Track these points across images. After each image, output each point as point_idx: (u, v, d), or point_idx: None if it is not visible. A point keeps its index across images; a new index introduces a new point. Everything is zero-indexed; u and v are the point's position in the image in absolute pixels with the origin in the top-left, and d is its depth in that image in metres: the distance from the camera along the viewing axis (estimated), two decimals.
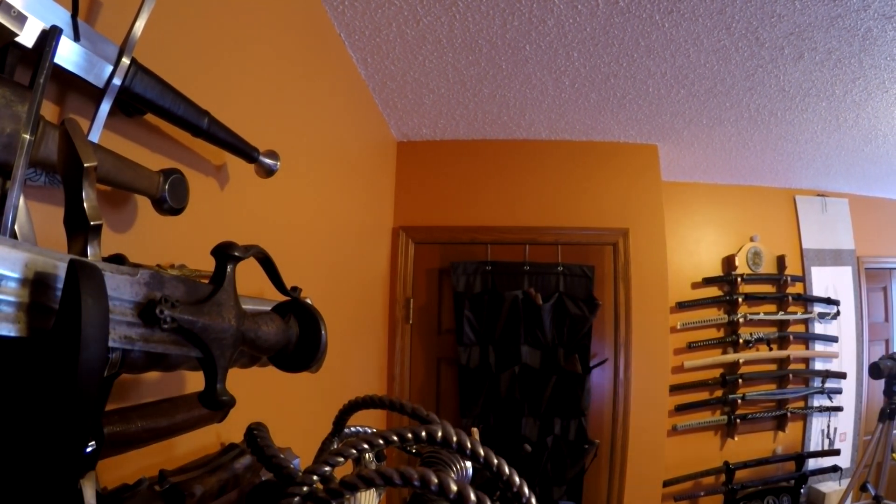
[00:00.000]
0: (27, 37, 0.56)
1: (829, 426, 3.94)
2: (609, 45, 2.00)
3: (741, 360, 3.72)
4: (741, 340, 3.74)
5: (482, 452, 0.44)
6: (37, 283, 0.37)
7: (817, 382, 3.90)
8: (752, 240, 3.90)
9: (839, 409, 3.91)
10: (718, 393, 3.75)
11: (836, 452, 3.82)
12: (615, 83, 2.33)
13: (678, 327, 3.66)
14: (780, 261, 3.92)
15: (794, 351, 3.86)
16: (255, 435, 0.57)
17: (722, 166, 3.54)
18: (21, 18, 0.53)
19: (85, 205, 0.45)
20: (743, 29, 1.88)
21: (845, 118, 2.67)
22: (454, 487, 0.37)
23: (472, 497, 0.37)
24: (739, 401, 3.70)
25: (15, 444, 0.35)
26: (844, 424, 3.98)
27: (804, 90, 2.36)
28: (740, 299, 3.76)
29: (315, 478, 0.43)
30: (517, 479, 0.43)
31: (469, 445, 0.43)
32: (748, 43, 1.97)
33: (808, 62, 2.11)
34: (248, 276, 0.88)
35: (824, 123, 2.75)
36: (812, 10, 1.76)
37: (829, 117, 2.66)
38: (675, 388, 3.58)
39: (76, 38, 0.64)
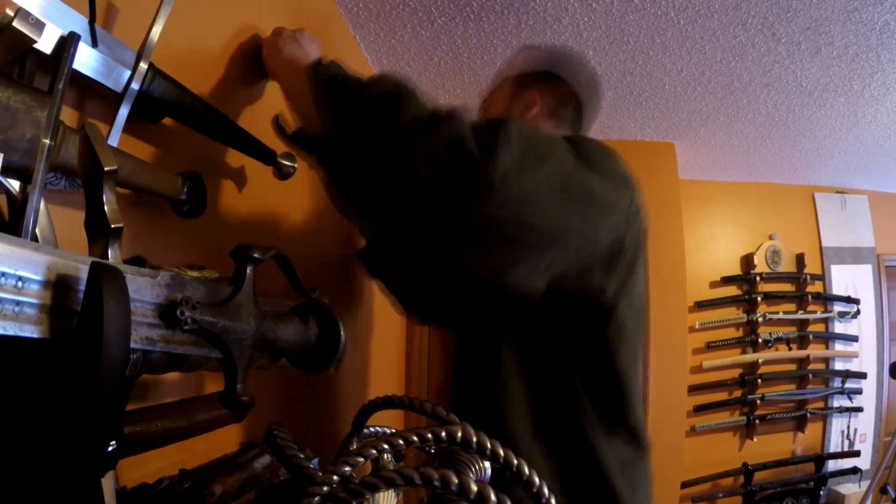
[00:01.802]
0: (45, 43, 0.57)
1: (848, 427, 3.89)
2: (624, 42, 1.99)
3: (760, 360, 3.67)
4: (760, 340, 3.69)
5: (502, 453, 0.43)
6: (59, 286, 0.37)
7: (837, 383, 3.85)
8: (770, 238, 3.86)
9: (859, 409, 3.85)
10: (737, 393, 3.71)
11: (856, 454, 3.76)
12: (631, 81, 2.31)
13: (697, 327, 3.62)
14: (800, 259, 3.87)
15: (814, 350, 3.80)
16: (275, 435, 0.58)
17: (739, 163, 3.50)
18: (39, 25, 0.54)
19: (105, 208, 0.45)
20: (759, 24, 1.86)
21: (864, 113, 2.63)
22: (474, 488, 0.37)
23: (493, 498, 0.37)
24: (758, 401, 3.65)
25: (38, 443, 0.35)
26: (864, 425, 3.92)
27: (822, 85, 2.33)
28: (759, 298, 3.71)
29: (335, 478, 0.43)
30: (537, 480, 0.43)
31: (489, 446, 0.43)
32: (764, 38, 1.95)
33: (825, 57, 2.08)
34: (267, 278, 0.88)
35: (843, 119, 2.71)
36: (828, 3, 1.74)
37: (848, 112, 2.62)
38: (694, 389, 3.54)
39: (94, 43, 0.64)
